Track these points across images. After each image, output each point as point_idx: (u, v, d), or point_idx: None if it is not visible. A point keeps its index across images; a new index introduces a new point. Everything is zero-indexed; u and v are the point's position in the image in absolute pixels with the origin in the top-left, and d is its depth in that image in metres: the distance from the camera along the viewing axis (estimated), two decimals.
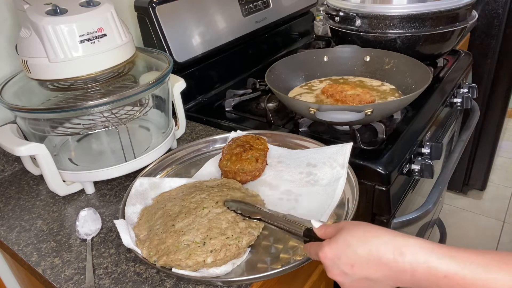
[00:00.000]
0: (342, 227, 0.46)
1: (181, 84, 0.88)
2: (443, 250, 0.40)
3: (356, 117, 0.75)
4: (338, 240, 0.44)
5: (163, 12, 0.96)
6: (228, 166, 0.72)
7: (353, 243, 0.43)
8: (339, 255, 0.44)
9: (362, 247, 0.42)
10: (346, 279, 0.44)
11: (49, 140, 0.82)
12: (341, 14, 1.08)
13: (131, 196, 0.68)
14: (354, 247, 0.43)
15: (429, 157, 0.87)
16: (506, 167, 2.18)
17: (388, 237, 0.42)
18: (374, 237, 0.43)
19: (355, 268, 0.43)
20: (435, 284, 0.39)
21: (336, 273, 0.44)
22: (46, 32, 0.65)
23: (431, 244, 0.41)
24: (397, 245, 0.41)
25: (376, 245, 0.42)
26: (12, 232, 0.69)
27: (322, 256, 0.45)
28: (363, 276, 0.43)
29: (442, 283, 0.39)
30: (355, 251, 0.43)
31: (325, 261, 0.45)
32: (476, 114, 1.14)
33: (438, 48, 1.07)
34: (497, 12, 1.52)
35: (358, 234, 0.44)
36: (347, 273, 0.44)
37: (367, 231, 0.44)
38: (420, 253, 0.40)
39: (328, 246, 0.45)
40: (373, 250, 0.42)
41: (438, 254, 0.39)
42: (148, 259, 0.56)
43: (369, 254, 0.42)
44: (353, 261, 0.43)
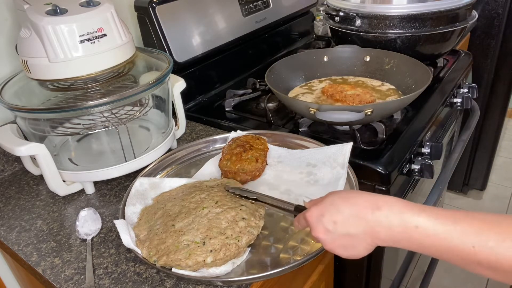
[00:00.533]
0: (329, 193, 0.49)
1: (181, 84, 0.88)
2: (417, 206, 0.43)
3: (356, 117, 0.75)
4: (324, 200, 0.48)
5: (163, 12, 0.96)
6: (228, 166, 0.72)
7: (337, 201, 0.47)
8: (323, 212, 0.47)
9: (344, 204, 0.46)
10: (328, 236, 0.47)
11: (49, 140, 0.82)
12: (341, 14, 1.08)
13: (131, 196, 0.68)
14: (337, 205, 0.46)
15: (429, 157, 0.87)
16: (506, 167, 2.18)
17: (369, 195, 0.46)
18: (357, 196, 0.46)
19: (337, 225, 0.46)
20: (408, 235, 0.42)
21: (320, 230, 0.47)
22: (46, 32, 0.65)
23: (406, 201, 0.44)
24: (375, 201, 0.44)
25: (357, 202, 0.45)
26: (12, 232, 0.69)
27: (307, 215, 0.48)
28: (345, 232, 0.46)
29: (415, 234, 0.41)
30: (338, 208, 0.46)
31: (310, 219, 0.48)
32: (476, 114, 1.14)
33: (438, 48, 1.07)
34: (497, 12, 1.52)
35: (343, 194, 0.47)
36: (329, 230, 0.46)
37: (351, 192, 0.48)
38: (395, 206, 0.43)
39: (315, 206, 0.48)
40: (354, 206, 0.45)
41: (413, 209, 0.42)
42: (148, 259, 0.56)
43: (350, 210, 0.45)
44: (336, 217, 0.46)
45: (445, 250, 0.40)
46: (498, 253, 0.38)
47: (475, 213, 0.41)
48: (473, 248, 0.39)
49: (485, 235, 0.39)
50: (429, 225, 0.41)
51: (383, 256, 0.85)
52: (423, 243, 0.41)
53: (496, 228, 0.39)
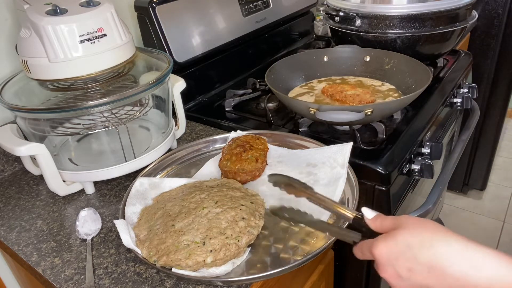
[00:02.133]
0: (402, 223, 0.41)
1: (181, 84, 0.87)
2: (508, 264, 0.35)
3: (356, 117, 0.75)
4: (397, 238, 0.40)
5: (163, 12, 0.96)
6: (228, 166, 0.72)
7: (415, 245, 0.38)
8: (397, 255, 0.39)
9: (425, 252, 0.38)
10: (400, 282, 0.40)
11: (49, 140, 0.82)
12: (341, 14, 1.08)
13: (131, 196, 0.68)
14: (415, 250, 0.38)
15: (429, 157, 0.87)
16: (506, 167, 2.18)
17: (460, 245, 0.37)
18: (442, 243, 0.38)
19: (413, 274, 0.39)
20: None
21: (390, 274, 0.40)
22: (46, 32, 0.65)
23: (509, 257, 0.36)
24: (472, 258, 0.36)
25: (444, 254, 0.37)
26: (12, 232, 0.69)
27: (376, 253, 0.41)
28: (421, 284, 0.39)
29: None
30: (415, 255, 0.38)
31: (380, 259, 0.41)
32: (476, 114, 1.14)
33: (438, 48, 1.07)
34: (497, 12, 1.52)
35: (422, 234, 0.39)
36: (402, 276, 0.39)
37: (433, 233, 0.39)
38: (500, 268, 0.35)
39: (385, 243, 0.40)
40: (439, 258, 0.37)
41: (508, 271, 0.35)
42: (148, 259, 0.56)
43: (434, 262, 0.37)
44: (412, 265, 0.38)
45: None
46: None
47: None
48: None
49: None
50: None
51: None
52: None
53: None
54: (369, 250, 0.42)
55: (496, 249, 0.37)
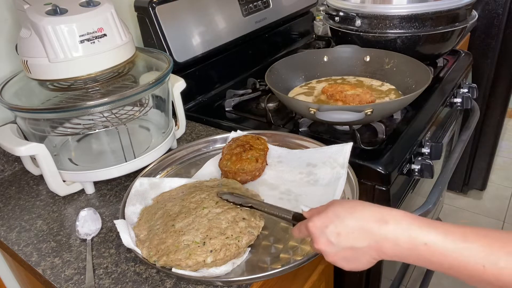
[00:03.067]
0: (331, 203, 0.48)
1: (181, 84, 0.87)
2: (425, 221, 0.42)
3: (356, 117, 0.75)
4: (327, 211, 0.47)
5: (163, 12, 0.96)
6: (228, 166, 0.72)
7: (341, 213, 0.45)
8: (327, 224, 0.46)
9: (349, 217, 0.45)
10: (331, 248, 0.46)
11: (49, 140, 0.82)
12: (341, 14, 1.08)
13: (131, 196, 0.68)
14: (342, 217, 0.45)
15: (429, 157, 0.87)
16: (506, 167, 2.18)
17: (375, 208, 0.45)
18: (362, 209, 0.45)
19: (341, 237, 0.45)
20: (416, 252, 0.41)
21: (323, 242, 0.46)
22: (46, 32, 0.65)
23: (414, 215, 0.43)
24: (382, 215, 0.43)
25: (363, 215, 0.44)
26: (12, 232, 0.69)
27: (310, 226, 0.47)
28: (349, 245, 0.45)
29: (424, 251, 0.41)
30: (342, 220, 0.45)
31: (313, 230, 0.47)
32: (476, 114, 1.14)
33: (438, 48, 1.07)
34: (497, 12, 1.52)
35: (347, 206, 0.46)
36: (333, 242, 0.45)
37: (355, 204, 0.46)
38: (403, 221, 0.42)
39: (317, 216, 0.47)
40: (359, 219, 0.44)
41: (420, 224, 0.41)
42: (148, 259, 0.56)
43: (355, 223, 0.44)
44: (340, 230, 0.45)
45: (455, 267, 0.40)
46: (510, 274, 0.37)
47: (484, 230, 0.40)
48: (483, 267, 0.38)
49: (496, 254, 0.38)
50: (439, 243, 0.40)
51: None
52: (431, 259, 0.41)
53: (508, 247, 0.38)
54: (305, 226, 0.48)
55: None
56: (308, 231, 0.48)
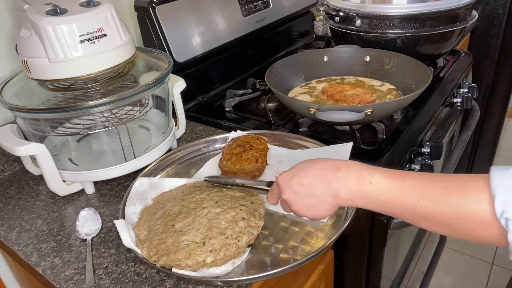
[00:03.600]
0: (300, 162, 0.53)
1: (181, 84, 0.87)
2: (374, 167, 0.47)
3: (356, 117, 0.75)
4: (294, 167, 0.53)
5: (163, 12, 0.96)
6: (228, 166, 0.72)
7: (305, 166, 0.51)
8: (293, 175, 0.51)
9: (311, 167, 0.50)
10: (296, 197, 0.51)
11: (49, 140, 0.82)
12: (341, 14, 1.08)
13: (131, 196, 0.68)
14: (305, 169, 0.51)
15: (429, 157, 0.87)
16: None
17: (334, 160, 0.50)
18: (323, 161, 0.50)
19: (303, 186, 0.50)
20: (363, 192, 0.46)
21: (288, 192, 0.52)
22: (46, 32, 0.65)
23: (366, 164, 0.48)
24: (337, 163, 0.49)
25: (322, 166, 0.50)
26: (12, 232, 0.69)
27: (279, 179, 0.53)
28: (310, 193, 0.50)
29: (369, 191, 0.46)
30: (306, 172, 0.50)
31: (281, 182, 0.53)
32: (476, 114, 1.14)
33: (438, 48, 1.07)
34: (497, 12, 1.52)
35: (311, 160, 0.52)
36: (297, 191, 0.51)
37: (319, 158, 0.51)
38: (354, 166, 0.48)
39: (285, 172, 0.53)
40: (319, 169, 0.50)
41: (369, 169, 0.47)
42: (148, 259, 0.56)
43: (315, 172, 0.50)
44: (303, 180, 0.50)
45: (395, 205, 0.45)
46: (441, 206, 0.41)
47: (423, 173, 0.45)
48: (418, 201, 0.43)
49: (429, 189, 0.42)
50: (381, 181, 0.45)
51: (383, 256, 0.85)
52: (375, 199, 0.46)
53: (440, 183, 0.42)
54: (276, 184, 0.54)
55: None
56: (277, 186, 0.53)
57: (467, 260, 1.71)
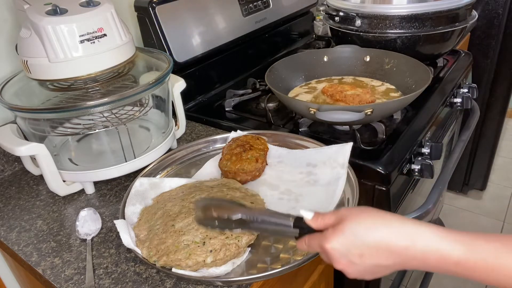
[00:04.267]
0: (344, 216, 0.44)
1: (181, 84, 0.87)
2: (454, 236, 0.40)
3: (356, 117, 0.75)
4: (344, 230, 0.43)
5: (163, 12, 0.96)
6: (228, 166, 0.72)
7: (361, 232, 0.42)
8: (347, 246, 0.43)
9: (371, 236, 0.42)
10: (353, 268, 0.44)
11: (49, 140, 0.82)
12: (341, 14, 1.08)
13: (131, 196, 0.68)
14: (362, 237, 0.42)
15: (429, 157, 0.87)
16: (506, 167, 2.18)
17: (398, 224, 0.42)
18: (383, 225, 0.42)
19: (364, 258, 0.42)
20: (446, 269, 0.40)
21: (344, 263, 0.44)
22: (46, 32, 0.65)
23: (442, 230, 0.41)
24: (408, 233, 0.41)
25: (385, 234, 0.41)
26: (12, 232, 0.69)
27: (329, 248, 0.43)
28: (373, 263, 0.43)
29: (453, 269, 0.40)
30: (363, 241, 0.42)
31: (333, 253, 0.43)
32: (476, 114, 1.14)
33: (438, 48, 1.07)
34: (497, 12, 1.51)
35: (365, 222, 0.43)
36: (355, 262, 0.43)
37: (374, 219, 0.43)
38: (432, 240, 0.40)
39: (335, 237, 0.43)
40: (382, 239, 0.41)
41: (450, 241, 0.40)
42: (148, 259, 0.56)
43: (379, 243, 0.41)
44: (362, 251, 0.42)
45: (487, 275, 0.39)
46: None
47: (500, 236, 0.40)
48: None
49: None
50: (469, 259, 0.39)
51: None
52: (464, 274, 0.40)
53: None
54: (320, 245, 0.45)
55: None
56: (324, 252, 0.45)
57: None
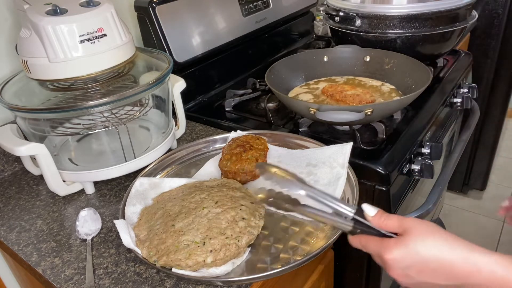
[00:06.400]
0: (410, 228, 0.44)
1: (181, 84, 0.87)
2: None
3: (356, 117, 0.75)
4: (408, 245, 0.43)
5: (163, 12, 0.96)
6: (228, 166, 0.72)
7: (425, 251, 0.42)
8: (408, 261, 0.43)
9: (434, 257, 0.42)
10: (408, 280, 0.44)
11: (49, 140, 0.82)
12: (341, 14, 1.08)
13: (131, 196, 0.68)
14: (425, 256, 0.42)
15: (429, 157, 0.87)
16: (506, 167, 2.18)
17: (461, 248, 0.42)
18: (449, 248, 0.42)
19: (422, 274, 0.43)
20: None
21: (400, 274, 0.44)
22: (46, 32, 0.65)
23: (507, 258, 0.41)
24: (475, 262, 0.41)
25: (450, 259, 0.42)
26: (12, 232, 0.69)
27: (388, 258, 0.44)
28: (429, 281, 0.43)
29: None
30: (426, 260, 0.42)
31: (392, 263, 0.44)
32: (476, 114, 1.14)
33: (438, 48, 1.07)
34: (497, 12, 1.51)
35: (431, 241, 0.43)
36: (412, 276, 0.44)
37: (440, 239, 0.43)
38: (498, 268, 0.40)
39: (397, 249, 0.44)
40: (446, 263, 0.42)
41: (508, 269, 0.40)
42: (148, 259, 0.56)
43: (441, 264, 0.42)
44: (423, 268, 0.43)
45: None
46: None
47: None
48: None
49: None
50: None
51: None
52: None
53: None
54: (379, 253, 0.45)
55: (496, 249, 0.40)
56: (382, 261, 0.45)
57: None
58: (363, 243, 0.48)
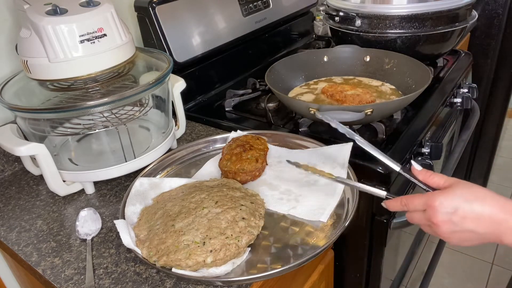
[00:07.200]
0: (455, 182, 0.49)
1: (181, 84, 0.88)
2: None
3: (356, 117, 0.75)
4: (455, 192, 0.47)
5: (163, 12, 0.96)
6: (228, 166, 0.72)
7: (471, 199, 0.46)
8: (455, 206, 0.46)
9: (479, 204, 0.46)
10: (451, 227, 0.47)
11: (49, 140, 0.82)
12: (341, 14, 1.08)
13: (131, 196, 0.68)
14: (471, 202, 0.46)
15: (429, 157, 0.87)
16: (506, 167, 2.18)
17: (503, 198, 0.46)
18: (491, 197, 0.46)
19: (466, 221, 0.46)
20: None
21: (444, 219, 0.47)
22: (46, 32, 0.65)
23: None
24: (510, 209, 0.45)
25: (492, 204, 0.46)
26: (12, 232, 0.69)
27: (437, 204, 0.47)
28: (471, 228, 0.46)
29: None
30: (471, 205, 0.46)
31: (439, 208, 0.47)
32: (476, 114, 1.14)
33: (438, 48, 1.07)
34: (497, 12, 1.52)
35: (474, 190, 0.47)
36: (455, 223, 0.46)
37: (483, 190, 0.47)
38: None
39: (445, 195, 0.47)
40: (489, 207, 0.45)
41: None
42: (148, 259, 0.56)
43: (484, 211, 0.45)
44: (467, 214, 0.46)
45: None
46: None
47: None
48: None
49: None
50: None
51: (383, 256, 0.85)
52: None
53: None
54: (426, 203, 0.48)
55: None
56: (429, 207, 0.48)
57: (467, 260, 1.71)
58: (404, 201, 0.51)
